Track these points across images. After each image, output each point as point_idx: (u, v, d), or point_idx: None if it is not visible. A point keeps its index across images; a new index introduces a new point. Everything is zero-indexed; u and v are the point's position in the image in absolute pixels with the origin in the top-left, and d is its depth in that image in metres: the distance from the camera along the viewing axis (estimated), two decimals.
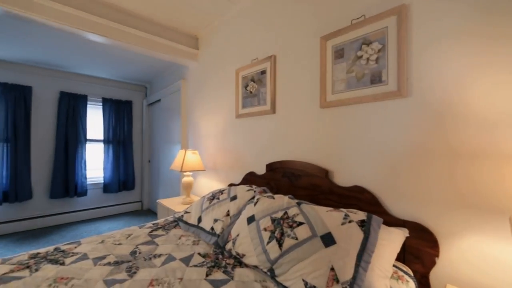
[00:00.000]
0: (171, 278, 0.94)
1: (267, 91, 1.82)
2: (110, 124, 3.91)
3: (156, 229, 1.48)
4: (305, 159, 1.55)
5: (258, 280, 0.92)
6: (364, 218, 0.92)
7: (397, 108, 1.15)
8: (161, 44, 2.43)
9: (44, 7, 1.76)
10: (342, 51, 1.37)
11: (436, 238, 1.00)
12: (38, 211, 3.33)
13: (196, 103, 2.75)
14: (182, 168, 2.10)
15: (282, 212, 1.06)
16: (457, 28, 0.98)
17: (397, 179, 1.14)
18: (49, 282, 0.91)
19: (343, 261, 0.79)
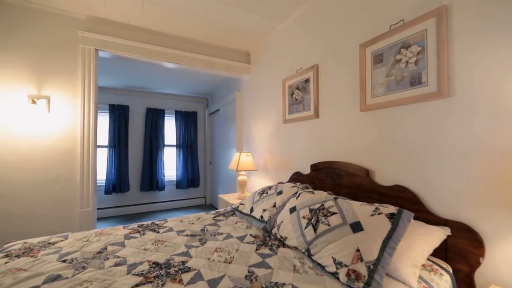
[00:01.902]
0: (230, 249, 1.23)
1: (311, 97, 1.98)
2: (180, 131, 4.70)
3: (218, 216, 1.83)
4: (346, 159, 1.65)
5: (297, 257, 1.12)
6: (394, 212, 1.01)
7: (438, 108, 1.17)
8: (219, 63, 2.87)
9: (135, 48, 2.38)
10: (382, 56, 1.43)
11: (481, 238, 0.99)
12: (133, 200, 4.30)
13: (249, 111, 3.10)
14: (237, 168, 2.45)
15: (319, 204, 1.23)
16: (499, 24, 0.96)
17: (439, 179, 1.15)
18: (152, 241, 1.33)
19: (369, 244, 0.91)
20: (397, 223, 0.96)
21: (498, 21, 0.97)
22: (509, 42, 0.94)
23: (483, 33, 1.01)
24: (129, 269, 1.05)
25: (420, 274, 0.94)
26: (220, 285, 0.92)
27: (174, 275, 0.99)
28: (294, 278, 0.96)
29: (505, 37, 0.95)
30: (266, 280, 0.95)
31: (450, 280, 0.97)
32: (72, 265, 1.09)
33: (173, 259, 1.14)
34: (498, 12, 0.97)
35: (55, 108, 2.07)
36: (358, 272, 0.87)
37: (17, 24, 1.96)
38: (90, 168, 2.18)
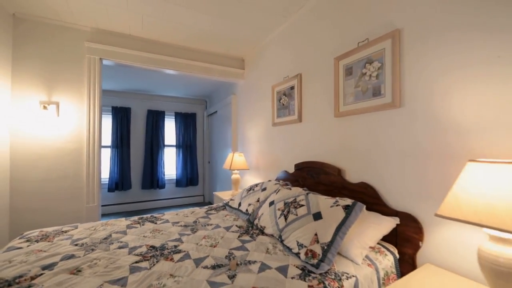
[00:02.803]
0: (216, 236, 1.44)
1: (295, 103, 2.18)
2: (180, 132, 4.92)
3: (210, 210, 2.04)
4: (323, 159, 1.85)
5: (271, 242, 1.33)
6: (349, 204, 1.21)
7: (392, 117, 1.36)
8: (216, 69, 3.08)
9: (137, 56, 2.60)
10: (351, 69, 1.63)
11: (421, 225, 1.19)
12: (135, 198, 4.53)
13: (244, 114, 3.31)
14: (231, 167, 2.66)
15: (292, 198, 1.44)
16: (438, 49, 1.16)
17: (392, 176, 1.35)
18: (150, 230, 1.54)
19: (325, 230, 1.12)
20: (350, 213, 1.16)
21: (433, 48, 1.17)
22: (440, 66, 1.13)
23: (422, 56, 1.21)
24: (130, 250, 1.27)
25: (367, 254, 1.14)
26: (204, 262, 1.13)
27: (167, 255, 1.20)
28: (265, 257, 1.16)
29: (437, 63, 1.14)
30: (242, 259, 1.16)
31: (393, 259, 1.17)
32: (83, 248, 1.30)
33: (167, 244, 1.35)
34: (436, 42, 1.16)
35: (64, 113, 2.30)
36: (314, 252, 1.07)
37: (28, 36, 2.18)
38: (95, 167, 2.41)
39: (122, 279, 1.00)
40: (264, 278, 0.98)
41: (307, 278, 0.98)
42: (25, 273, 1.02)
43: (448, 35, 1.12)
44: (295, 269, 1.05)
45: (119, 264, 1.12)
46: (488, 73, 0.99)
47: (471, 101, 1.04)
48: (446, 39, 1.12)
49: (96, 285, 0.95)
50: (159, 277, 1.01)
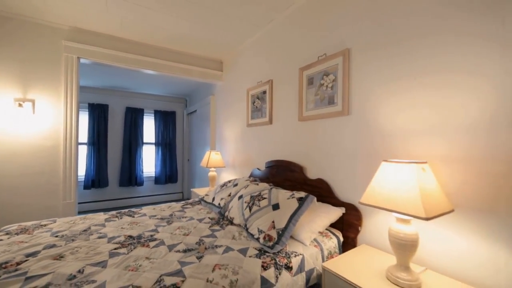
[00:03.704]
0: (190, 227, 1.61)
1: (267, 107, 2.39)
2: (159, 130, 4.95)
3: (186, 205, 2.20)
4: (289, 158, 2.08)
5: (238, 231, 1.52)
6: (303, 196, 1.43)
7: (342, 123, 1.61)
8: (195, 70, 3.20)
9: (116, 56, 2.65)
10: (313, 79, 1.86)
11: (361, 214, 1.45)
12: (112, 195, 4.51)
13: (221, 114, 3.47)
14: (207, 165, 2.82)
15: (258, 192, 1.64)
16: (375, 68, 1.41)
17: (342, 173, 1.60)
18: (128, 223, 1.67)
19: (280, 218, 1.33)
20: (302, 204, 1.38)
21: (370, 64, 1.42)
22: (376, 80, 1.39)
23: (364, 71, 1.46)
24: (109, 240, 1.40)
25: (316, 238, 1.38)
26: (177, 247, 1.30)
27: (143, 243, 1.35)
28: (230, 242, 1.35)
29: (374, 77, 1.40)
30: (210, 244, 1.34)
31: (337, 242, 1.42)
32: (64, 238, 1.41)
33: (144, 234, 1.50)
34: (375, 60, 1.41)
35: (40, 110, 2.31)
36: (271, 236, 1.28)
37: (4, 33, 2.17)
38: (72, 164, 2.45)
39: (102, 262, 1.15)
40: (226, 258, 1.17)
41: (262, 256, 1.18)
42: (10, 260, 1.13)
43: (383, 51, 1.37)
44: (254, 250, 1.25)
45: (99, 251, 1.26)
46: (406, 87, 1.25)
47: (391, 110, 1.30)
48: (382, 56, 1.38)
49: (79, 267, 1.09)
50: (136, 260, 1.16)
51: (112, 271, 1.08)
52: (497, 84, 0.95)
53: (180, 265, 1.11)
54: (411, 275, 0.99)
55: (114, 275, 1.04)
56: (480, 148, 0.99)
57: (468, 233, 1.02)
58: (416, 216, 0.87)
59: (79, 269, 1.08)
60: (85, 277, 1.04)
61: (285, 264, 1.17)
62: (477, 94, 1.00)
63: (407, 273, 1.00)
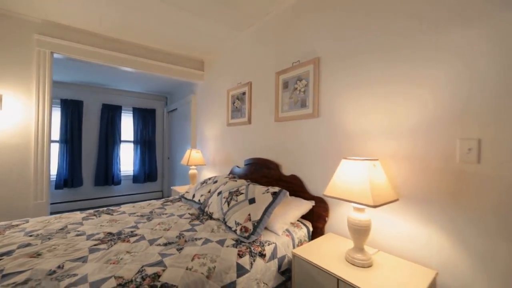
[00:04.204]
0: (170, 222, 1.68)
1: (246, 107, 2.50)
2: (138, 128, 4.86)
3: (167, 202, 2.24)
4: (267, 156, 2.21)
5: (216, 225, 1.62)
6: (276, 191, 1.57)
7: (313, 124, 1.77)
8: (176, 69, 3.21)
9: (92, 52, 2.60)
10: (287, 83, 2.00)
11: (328, 206, 1.62)
12: (87, 195, 4.36)
13: (202, 113, 3.51)
14: (188, 163, 2.86)
15: (236, 188, 1.75)
16: (340, 76, 1.58)
17: (312, 170, 1.76)
18: (107, 221, 1.70)
19: (256, 211, 1.46)
20: (276, 198, 1.52)
21: (338, 72, 1.59)
22: (341, 86, 1.55)
23: (332, 78, 1.62)
24: (88, 237, 1.42)
25: (288, 228, 1.52)
26: (157, 241, 1.37)
27: (123, 238, 1.40)
28: (209, 235, 1.45)
29: (340, 84, 1.57)
30: (190, 237, 1.42)
31: (306, 231, 1.58)
32: (39, 237, 1.41)
33: (124, 230, 1.54)
34: (340, 69, 1.58)
35: (8, 106, 2.21)
36: (247, 227, 1.40)
37: None
38: (44, 162, 2.37)
39: (82, 257, 1.18)
40: (205, 248, 1.26)
41: (238, 246, 1.30)
42: None
43: (347, 62, 1.54)
44: (231, 241, 1.36)
45: (79, 248, 1.29)
46: (364, 94, 1.43)
47: (353, 114, 1.48)
48: (346, 66, 1.54)
49: (59, 263, 1.12)
50: (117, 254, 1.22)
51: (93, 265, 1.12)
52: (435, 92, 1.14)
53: (161, 256, 1.19)
54: (365, 256, 1.16)
55: (96, 268, 1.09)
56: (420, 148, 1.19)
57: (410, 219, 1.22)
58: (366, 204, 1.03)
59: (58, 265, 1.11)
60: (66, 271, 1.07)
61: (259, 252, 1.29)
62: (417, 102, 1.19)
63: (362, 254, 1.17)
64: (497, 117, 0.98)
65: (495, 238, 0.98)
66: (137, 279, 1.00)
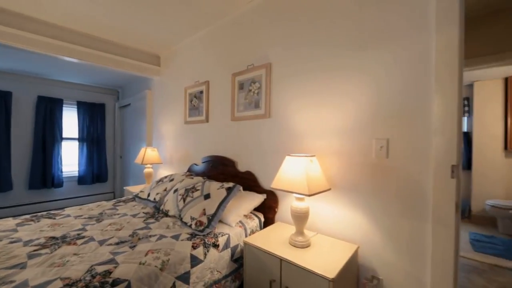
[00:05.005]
0: (123, 222, 1.65)
1: (203, 106, 2.54)
2: (84, 124, 4.42)
3: (119, 202, 2.16)
4: (223, 154, 2.30)
5: (172, 221, 1.66)
6: (231, 186, 1.69)
7: (265, 124, 1.93)
8: (129, 63, 3.04)
9: (28, 39, 2.31)
10: (243, 85, 2.12)
11: (277, 198, 1.80)
12: (19, 200, 3.81)
13: (158, 110, 3.41)
14: (142, 161, 2.77)
15: (192, 185, 1.81)
16: (287, 82, 1.76)
17: (265, 166, 1.92)
18: (48, 225, 1.58)
19: (211, 205, 1.55)
20: (230, 192, 1.63)
21: (287, 81, 1.77)
22: (289, 92, 1.74)
23: (282, 85, 1.80)
24: (25, 243, 1.32)
25: (241, 220, 1.65)
26: (108, 241, 1.35)
27: (69, 241, 1.34)
28: (164, 231, 1.49)
29: (287, 90, 1.75)
30: (144, 235, 1.44)
31: (258, 222, 1.74)
32: None
33: (70, 233, 1.46)
34: (287, 76, 1.76)
35: None
36: (202, 221, 1.48)
37: None
38: None
39: (20, 264, 1.11)
40: (159, 244, 1.31)
41: (192, 239, 1.37)
42: None
43: (295, 71, 1.73)
44: (186, 235, 1.43)
45: (15, 255, 1.19)
46: (305, 101, 1.64)
47: (299, 117, 1.68)
48: (293, 74, 1.73)
49: None
50: (62, 257, 1.18)
51: (34, 270, 1.07)
52: (356, 102, 1.40)
53: (113, 255, 1.19)
54: (304, 238, 1.36)
55: (37, 273, 1.05)
56: (346, 146, 1.44)
57: (340, 205, 1.47)
58: (303, 194, 1.22)
59: None
60: (1, 279, 1.01)
61: (212, 243, 1.39)
62: (344, 110, 1.44)
63: (302, 237, 1.37)
64: (399, 122, 1.27)
65: (399, 217, 1.27)
66: (87, 278, 1.00)
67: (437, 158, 1.16)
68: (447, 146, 1.14)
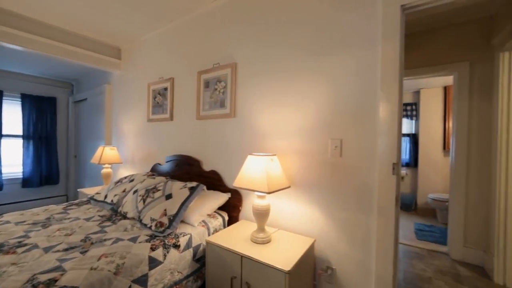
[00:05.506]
0: (74, 226, 1.53)
1: (168, 103, 2.46)
2: (30, 120, 3.94)
3: (71, 205, 1.99)
4: (188, 153, 2.26)
5: (131, 223, 1.59)
6: (194, 185, 1.67)
7: (230, 123, 1.95)
8: (85, 55, 2.80)
9: None
10: (208, 83, 2.11)
11: (242, 197, 1.83)
12: None
13: (119, 106, 3.20)
14: (100, 161, 2.58)
15: (153, 186, 1.75)
16: (253, 82, 1.80)
17: (230, 165, 1.94)
18: None
19: (172, 206, 1.52)
20: (193, 192, 1.62)
21: (251, 80, 1.81)
22: (255, 90, 1.78)
23: (247, 85, 1.84)
24: None
25: (204, 219, 1.65)
26: (56, 248, 1.24)
27: (7, 250, 1.20)
28: (121, 234, 1.42)
29: (250, 88, 1.79)
30: (98, 239, 1.35)
31: (222, 220, 1.75)
32: None
33: (8, 242, 1.31)
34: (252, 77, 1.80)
35: None
36: (163, 222, 1.45)
37: None
38: None
39: None
40: (115, 247, 1.24)
41: (152, 240, 1.33)
42: None
43: (259, 72, 1.77)
44: (144, 237, 1.38)
45: None
46: (270, 101, 1.70)
47: (262, 117, 1.74)
48: (258, 75, 1.78)
49: None
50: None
51: None
52: (315, 104, 1.49)
53: (60, 262, 1.10)
54: (265, 234, 1.42)
55: None
56: (306, 146, 1.53)
57: (300, 201, 1.56)
58: (262, 191, 1.26)
59: None
60: None
61: (173, 243, 1.36)
62: (304, 111, 1.53)
63: (263, 233, 1.42)
64: (352, 123, 1.39)
65: (351, 211, 1.39)
66: None
67: (381, 157, 1.30)
68: (389, 146, 1.28)
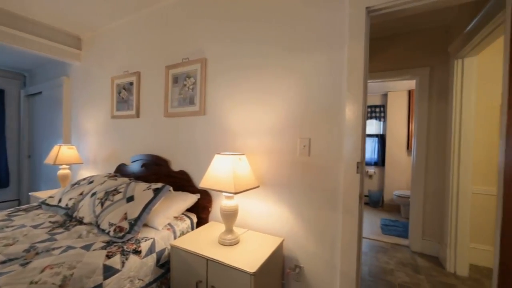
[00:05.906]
0: (17, 235, 1.35)
1: (134, 99, 2.30)
2: None
3: (17, 211, 1.77)
4: (156, 153, 2.14)
5: (87, 229, 1.45)
6: (159, 187, 1.58)
7: (199, 121, 1.87)
8: (36, 41, 2.51)
9: None
10: (177, 79, 2.00)
11: (211, 198, 1.78)
12: None
13: (79, 101, 2.93)
14: (55, 161, 2.34)
15: (114, 188, 1.62)
16: (223, 79, 1.75)
17: (199, 164, 1.87)
18: None
19: (134, 209, 1.42)
20: (158, 194, 1.52)
21: (224, 78, 1.76)
22: (226, 87, 1.73)
23: (217, 83, 1.78)
24: None
25: (170, 222, 1.57)
26: None
27: None
28: (74, 242, 1.28)
29: (220, 85, 1.74)
30: (45, 248, 1.21)
31: (190, 223, 1.68)
32: None
33: None
34: (223, 74, 1.75)
35: None
36: (122, 227, 1.34)
37: None
38: None
39: None
40: (63, 257, 1.12)
41: (108, 247, 1.23)
42: None
43: (230, 68, 1.72)
44: (100, 243, 1.26)
45: None
46: (240, 99, 1.66)
47: (231, 115, 1.69)
48: (228, 72, 1.73)
49: None
50: None
51: None
52: (286, 103, 1.49)
53: None
54: (233, 236, 1.38)
55: None
56: (275, 145, 1.52)
57: (269, 201, 1.54)
58: (229, 192, 1.23)
59: None
60: None
61: (133, 249, 1.27)
62: (274, 109, 1.52)
63: (231, 235, 1.38)
64: (320, 123, 1.40)
65: (319, 210, 1.40)
66: None
67: (347, 156, 1.33)
68: (354, 145, 1.32)
